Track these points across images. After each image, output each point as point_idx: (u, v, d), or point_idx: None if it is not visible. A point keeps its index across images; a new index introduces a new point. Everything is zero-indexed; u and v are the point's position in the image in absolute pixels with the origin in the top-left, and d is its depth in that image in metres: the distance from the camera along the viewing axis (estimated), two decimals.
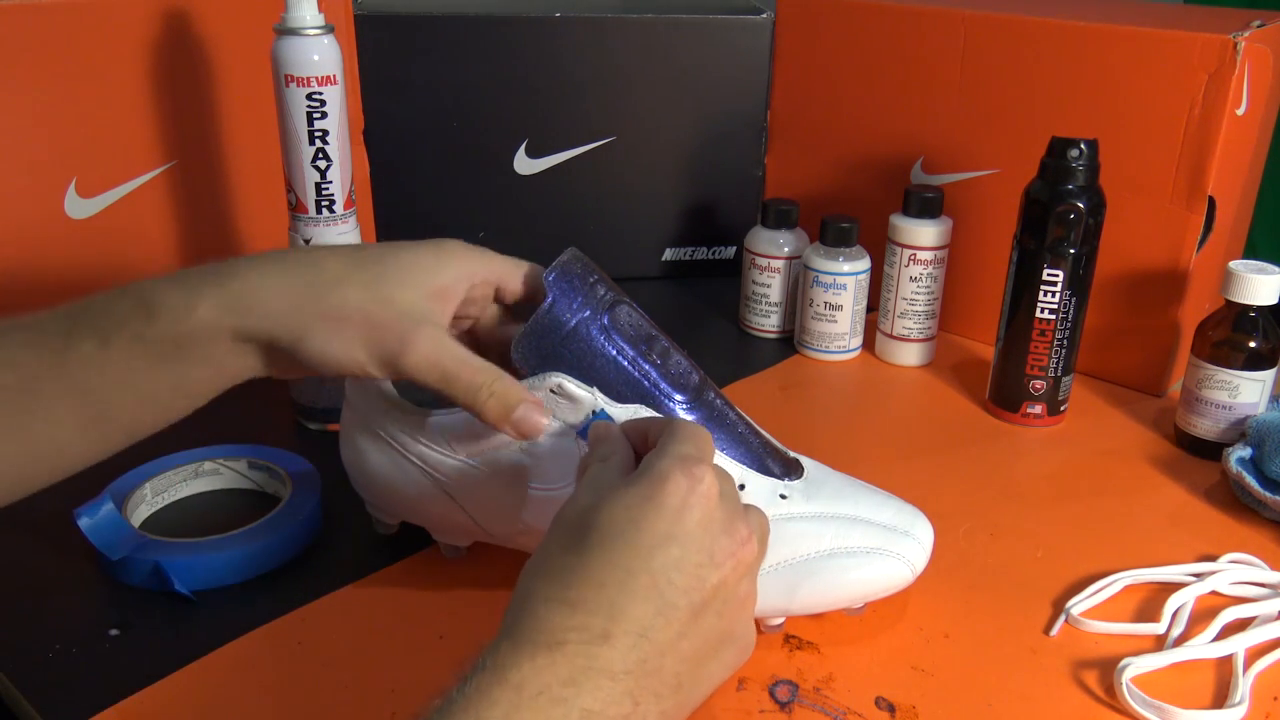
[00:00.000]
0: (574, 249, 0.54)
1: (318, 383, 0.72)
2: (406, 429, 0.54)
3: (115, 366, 0.46)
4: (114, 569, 0.57)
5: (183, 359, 0.47)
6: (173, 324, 0.46)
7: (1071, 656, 0.54)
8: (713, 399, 0.55)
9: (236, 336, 0.47)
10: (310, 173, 0.67)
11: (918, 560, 0.55)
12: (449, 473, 0.54)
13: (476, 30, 0.92)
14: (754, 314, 0.91)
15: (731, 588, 0.43)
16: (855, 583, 0.53)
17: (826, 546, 0.53)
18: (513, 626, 0.39)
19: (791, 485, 0.54)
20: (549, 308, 0.51)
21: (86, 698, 0.49)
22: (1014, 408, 0.77)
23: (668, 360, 0.54)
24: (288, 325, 0.47)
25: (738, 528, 0.43)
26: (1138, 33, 0.75)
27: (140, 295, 0.47)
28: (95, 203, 0.75)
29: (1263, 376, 0.70)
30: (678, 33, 0.95)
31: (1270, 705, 0.51)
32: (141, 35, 0.75)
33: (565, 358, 0.51)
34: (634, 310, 0.54)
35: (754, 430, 0.56)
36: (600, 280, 0.54)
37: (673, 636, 0.40)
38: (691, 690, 0.42)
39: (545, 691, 0.37)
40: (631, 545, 0.40)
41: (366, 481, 0.58)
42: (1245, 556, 0.61)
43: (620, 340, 0.52)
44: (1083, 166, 0.70)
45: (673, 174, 1.00)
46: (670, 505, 0.41)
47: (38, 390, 0.46)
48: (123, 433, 0.49)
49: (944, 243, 0.82)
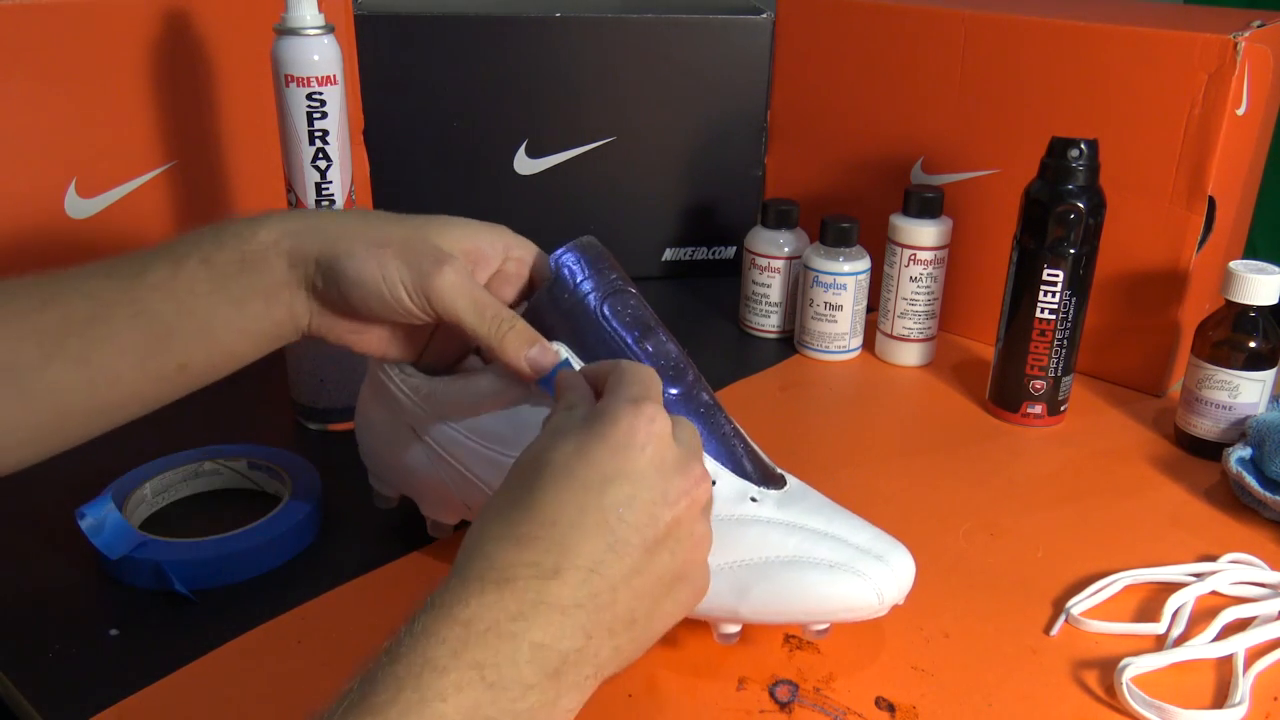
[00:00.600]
0: (591, 236, 0.55)
1: (318, 382, 0.72)
2: (408, 393, 0.55)
3: (182, 291, 0.49)
4: (114, 569, 0.57)
5: (242, 282, 0.50)
6: (237, 246, 0.50)
7: (1071, 656, 0.54)
8: (703, 398, 0.54)
9: (292, 259, 0.50)
10: (310, 173, 0.67)
11: (886, 586, 0.50)
12: (442, 440, 0.55)
13: (476, 30, 0.92)
14: (754, 314, 0.91)
15: (687, 527, 0.43)
16: (811, 596, 0.50)
17: (788, 554, 0.50)
18: (462, 566, 0.39)
19: (766, 492, 0.52)
20: (555, 282, 0.52)
21: (86, 698, 0.49)
22: (1014, 408, 0.77)
23: (662, 351, 0.54)
24: (336, 246, 0.50)
25: (692, 467, 0.43)
26: (1138, 33, 0.75)
27: (214, 227, 0.51)
28: (95, 203, 0.75)
29: (1263, 376, 0.70)
30: (678, 33, 0.95)
31: (1270, 705, 0.51)
32: (141, 35, 0.75)
33: (565, 332, 0.52)
34: (639, 301, 0.55)
35: (741, 438, 0.55)
36: (610, 268, 0.54)
37: (625, 572, 0.40)
38: (646, 627, 0.42)
39: (493, 627, 0.37)
40: (582, 483, 0.40)
41: (370, 447, 0.59)
42: (1245, 556, 0.61)
43: (617, 324, 0.53)
44: (1083, 166, 0.70)
45: (673, 174, 1.00)
46: (621, 443, 0.41)
47: (108, 318, 0.48)
48: (175, 368, 0.50)
49: (944, 243, 0.82)
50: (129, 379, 0.49)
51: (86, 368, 0.48)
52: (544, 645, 0.37)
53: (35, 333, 0.47)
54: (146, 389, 0.50)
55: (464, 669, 0.36)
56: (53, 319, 0.47)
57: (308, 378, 0.73)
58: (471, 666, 0.36)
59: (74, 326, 0.47)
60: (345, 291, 0.50)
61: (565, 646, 0.38)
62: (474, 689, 0.36)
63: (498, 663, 0.36)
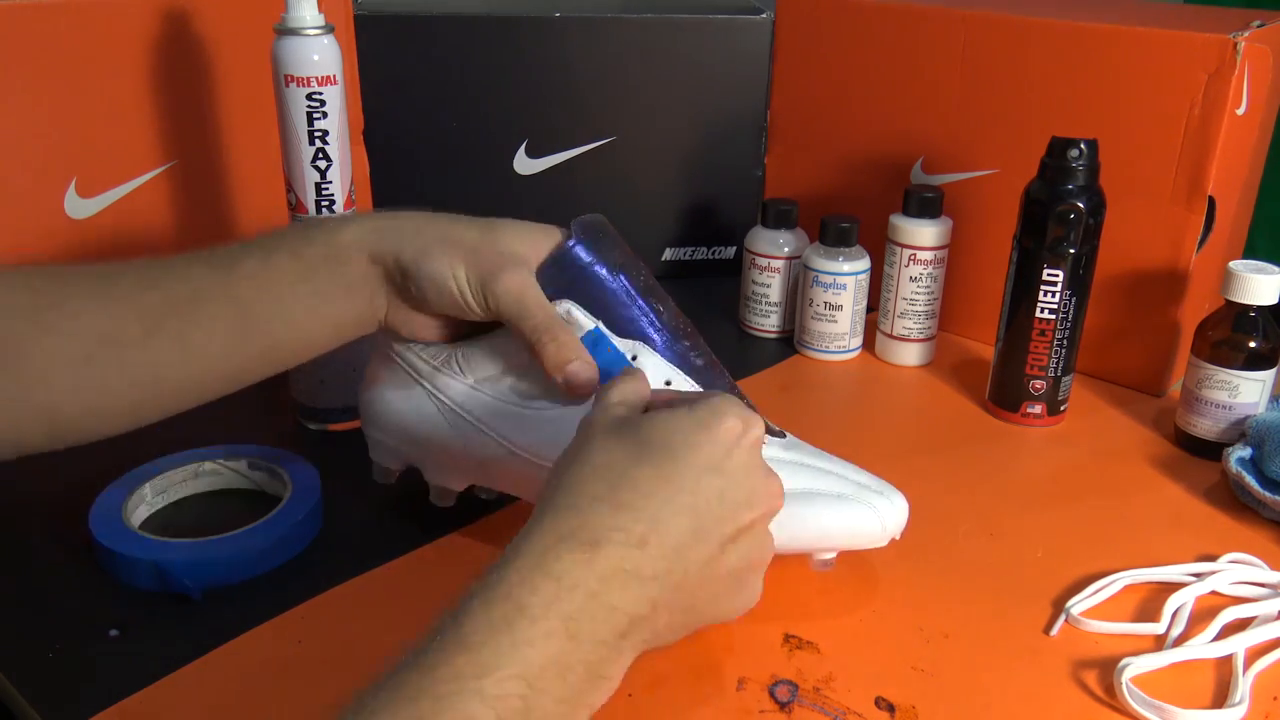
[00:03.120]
0: (602, 216, 0.58)
1: (318, 383, 0.72)
2: (424, 355, 0.58)
3: (271, 281, 0.53)
4: (114, 569, 0.57)
5: (326, 275, 0.54)
6: (325, 241, 0.54)
7: (1071, 656, 0.54)
8: (713, 357, 0.58)
9: (373, 256, 0.54)
10: (310, 173, 0.67)
11: (889, 517, 0.55)
12: (456, 397, 0.57)
13: (476, 30, 0.92)
14: (754, 314, 0.91)
15: (760, 533, 0.46)
16: (823, 523, 0.54)
17: (798, 487, 0.54)
18: (553, 517, 0.42)
19: (773, 439, 0.57)
20: (572, 244, 0.56)
21: (86, 698, 0.49)
22: (1014, 408, 0.77)
23: (673, 314, 0.58)
24: (413, 245, 0.54)
25: (773, 480, 0.47)
26: (1138, 33, 0.75)
27: (303, 223, 0.58)
28: (95, 203, 0.75)
29: (1263, 376, 0.70)
30: (678, 33, 0.95)
31: (1270, 705, 0.51)
32: (141, 35, 0.75)
33: (578, 290, 0.55)
34: (648, 271, 0.58)
35: (743, 396, 0.58)
36: (620, 245, 0.58)
37: (700, 560, 0.43)
38: (697, 615, 0.45)
39: (582, 584, 0.40)
40: (682, 465, 0.43)
41: (378, 416, 0.60)
42: (1245, 556, 0.61)
43: (629, 285, 0.57)
44: (1083, 166, 0.70)
45: (673, 174, 1.00)
46: (723, 440, 0.45)
47: (204, 300, 0.52)
48: (261, 350, 0.54)
49: (944, 243, 0.82)
50: (220, 358, 0.53)
51: (183, 346, 0.51)
52: (618, 608, 0.41)
53: (139, 311, 0.51)
54: (235, 368, 0.54)
55: (553, 619, 0.39)
56: (155, 300, 0.51)
57: (308, 378, 0.73)
58: (560, 618, 0.39)
59: (174, 308, 0.51)
60: (421, 288, 0.54)
61: (635, 611, 0.41)
62: (559, 638, 0.39)
63: (580, 618, 0.39)
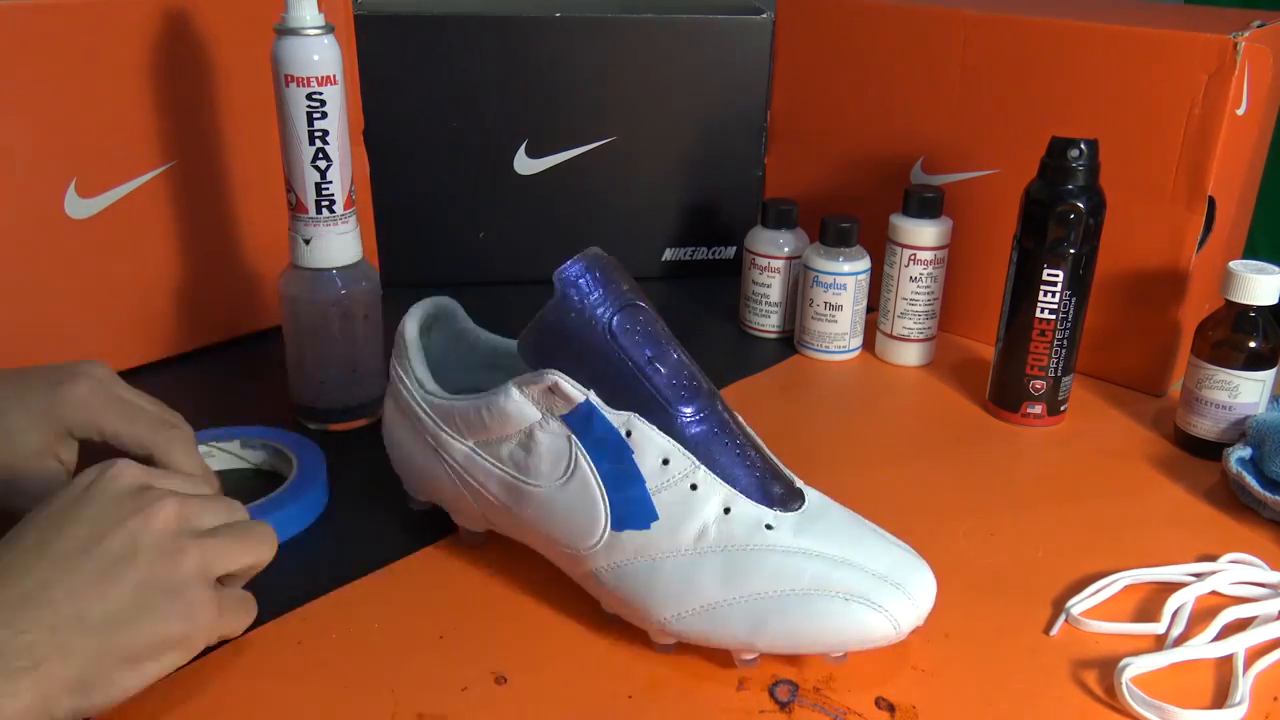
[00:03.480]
0: (596, 249, 0.53)
1: (318, 383, 0.72)
2: (427, 411, 0.57)
3: None
4: None
5: None
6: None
7: (1071, 656, 0.54)
8: (720, 412, 0.53)
9: None
10: (310, 173, 0.67)
11: (903, 617, 0.50)
12: (458, 458, 0.56)
13: (476, 30, 0.92)
14: (754, 314, 0.91)
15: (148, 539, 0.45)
16: (828, 629, 0.49)
17: (804, 586, 0.49)
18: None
19: (782, 516, 0.51)
20: (552, 305, 0.51)
21: None
22: (1014, 408, 0.77)
23: (675, 369, 0.52)
24: None
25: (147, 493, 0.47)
26: (1138, 33, 0.75)
27: None
28: (95, 203, 0.75)
29: (1263, 376, 0.70)
30: (678, 33, 0.95)
31: (1270, 705, 0.51)
32: (141, 35, 0.75)
33: (567, 357, 0.51)
34: (647, 314, 0.53)
35: (759, 451, 0.53)
36: (615, 281, 0.53)
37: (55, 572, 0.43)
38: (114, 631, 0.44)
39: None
40: (33, 517, 0.46)
41: (397, 459, 0.61)
42: (1245, 556, 0.61)
43: (624, 344, 0.51)
44: (1083, 166, 0.70)
45: (673, 174, 1.00)
46: (79, 483, 0.47)
47: None
48: None
49: (944, 243, 0.82)
50: None
51: None
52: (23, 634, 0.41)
53: None
54: None
55: None
56: None
57: (308, 378, 0.73)
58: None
59: None
60: None
61: None
62: None
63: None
